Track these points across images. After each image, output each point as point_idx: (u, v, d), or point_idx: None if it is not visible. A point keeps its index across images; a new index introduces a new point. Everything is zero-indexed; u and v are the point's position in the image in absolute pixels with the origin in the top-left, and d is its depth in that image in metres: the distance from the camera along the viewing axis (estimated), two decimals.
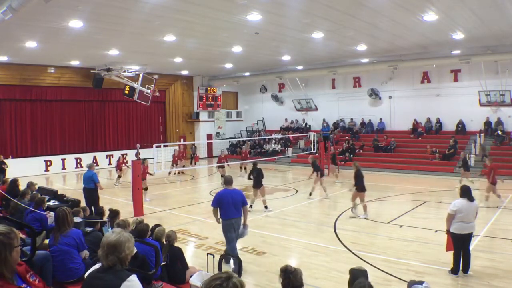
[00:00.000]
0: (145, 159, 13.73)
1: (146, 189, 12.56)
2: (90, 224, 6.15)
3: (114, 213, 6.53)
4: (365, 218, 10.11)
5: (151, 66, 20.58)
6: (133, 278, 2.47)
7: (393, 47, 16.77)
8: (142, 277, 2.65)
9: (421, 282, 3.59)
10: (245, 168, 18.19)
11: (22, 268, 2.54)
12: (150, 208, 11.79)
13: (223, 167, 15.93)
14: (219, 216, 6.85)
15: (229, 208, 6.66)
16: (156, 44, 14.97)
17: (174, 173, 19.07)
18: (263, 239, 8.62)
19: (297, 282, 3.23)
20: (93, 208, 9.22)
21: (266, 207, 11.32)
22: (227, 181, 7.01)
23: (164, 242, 5.50)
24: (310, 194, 13.18)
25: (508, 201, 12.13)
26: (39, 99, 20.25)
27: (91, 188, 10.23)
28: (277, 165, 22.37)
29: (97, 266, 2.66)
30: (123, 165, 17.01)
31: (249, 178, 11.83)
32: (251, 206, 11.02)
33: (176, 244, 5.60)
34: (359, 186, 10.27)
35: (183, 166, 18.90)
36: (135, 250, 3.38)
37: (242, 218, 6.89)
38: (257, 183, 11.28)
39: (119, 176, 16.47)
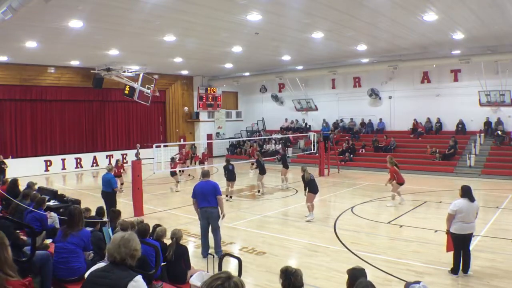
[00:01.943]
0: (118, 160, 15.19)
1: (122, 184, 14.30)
2: (90, 224, 6.15)
3: (116, 214, 6.51)
4: (310, 220, 10.10)
5: (151, 66, 20.58)
6: (139, 278, 2.48)
7: (393, 47, 16.77)
8: (142, 277, 2.66)
9: (418, 282, 3.58)
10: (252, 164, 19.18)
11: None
12: (150, 208, 11.79)
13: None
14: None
15: (201, 198, 7.35)
16: (156, 44, 14.97)
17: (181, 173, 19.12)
18: (263, 239, 8.62)
19: (298, 283, 3.22)
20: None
21: (228, 196, 12.87)
22: (204, 174, 7.78)
23: (171, 240, 5.51)
24: (259, 191, 14.05)
25: (508, 201, 12.14)
26: (39, 99, 20.24)
27: (108, 191, 9.87)
28: (277, 165, 22.35)
29: (99, 265, 2.66)
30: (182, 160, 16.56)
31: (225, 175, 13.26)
32: (230, 197, 12.95)
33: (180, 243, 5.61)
34: (310, 189, 10.17)
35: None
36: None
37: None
38: (232, 177, 13.06)
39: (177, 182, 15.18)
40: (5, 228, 4.77)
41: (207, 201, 7.29)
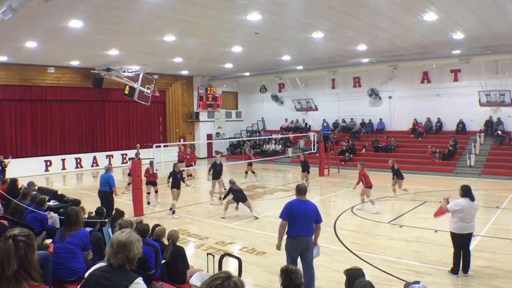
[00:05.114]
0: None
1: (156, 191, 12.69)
2: (89, 224, 6.14)
3: (120, 214, 6.49)
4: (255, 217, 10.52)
5: (151, 66, 20.58)
6: (140, 280, 2.45)
7: (393, 47, 16.77)
8: (142, 277, 2.65)
9: (417, 282, 3.59)
10: (253, 172, 17.05)
11: None
12: (150, 208, 11.79)
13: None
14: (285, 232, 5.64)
15: (300, 223, 5.47)
16: (156, 44, 14.96)
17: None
18: (263, 239, 8.61)
19: (298, 281, 3.23)
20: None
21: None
22: (301, 190, 5.76)
23: (167, 241, 5.50)
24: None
25: (508, 201, 12.14)
26: (39, 99, 20.23)
27: (106, 190, 9.86)
28: (277, 165, 22.38)
29: (99, 265, 2.65)
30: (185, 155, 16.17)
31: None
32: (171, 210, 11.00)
33: (177, 244, 5.60)
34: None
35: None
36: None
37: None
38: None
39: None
40: (4, 228, 4.77)
41: (309, 228, 5.52)
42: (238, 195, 10.72)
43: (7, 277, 2.24)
